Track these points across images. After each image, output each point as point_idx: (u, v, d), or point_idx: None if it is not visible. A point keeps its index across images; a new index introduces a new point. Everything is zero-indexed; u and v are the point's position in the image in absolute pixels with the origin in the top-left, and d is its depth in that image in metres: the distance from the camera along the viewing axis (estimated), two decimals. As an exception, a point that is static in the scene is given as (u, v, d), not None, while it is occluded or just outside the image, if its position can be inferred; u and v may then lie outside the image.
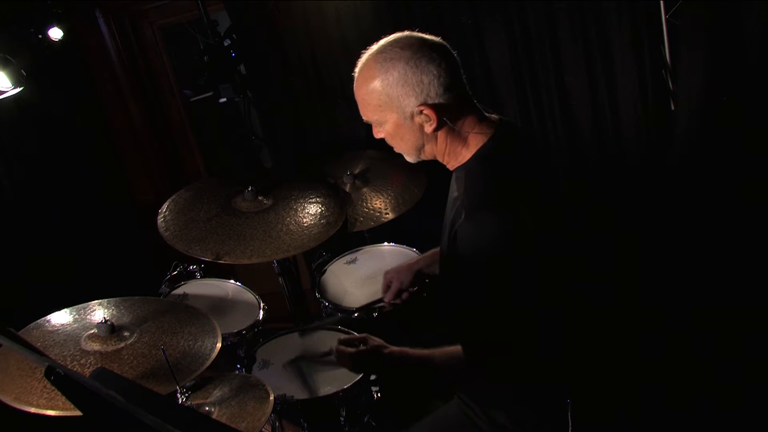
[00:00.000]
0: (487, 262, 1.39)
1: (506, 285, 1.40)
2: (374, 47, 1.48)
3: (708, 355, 2.43)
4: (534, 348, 1.48)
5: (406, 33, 1.47)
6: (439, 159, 1.56)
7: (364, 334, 1.73)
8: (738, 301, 2.49)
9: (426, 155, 1.55)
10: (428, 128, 1.46)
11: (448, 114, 1.45)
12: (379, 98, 1.45)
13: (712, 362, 2.39)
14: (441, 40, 1.47)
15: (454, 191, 1.54)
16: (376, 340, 1.70)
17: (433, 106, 1.42)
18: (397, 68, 1.41)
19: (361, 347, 1.69)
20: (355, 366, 1.73)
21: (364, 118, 1.54)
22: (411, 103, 1.43)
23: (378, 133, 1.56)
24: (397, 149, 1.58)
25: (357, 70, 1.50)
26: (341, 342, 1.73)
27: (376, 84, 1.44)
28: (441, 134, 1.48)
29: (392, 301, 2.06)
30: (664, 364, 2.47)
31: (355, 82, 1.51)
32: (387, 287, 2.06)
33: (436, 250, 2.05)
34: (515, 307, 1.41)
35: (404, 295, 2.05)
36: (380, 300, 2.13)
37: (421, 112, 1.43)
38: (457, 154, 1.51)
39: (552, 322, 1.51)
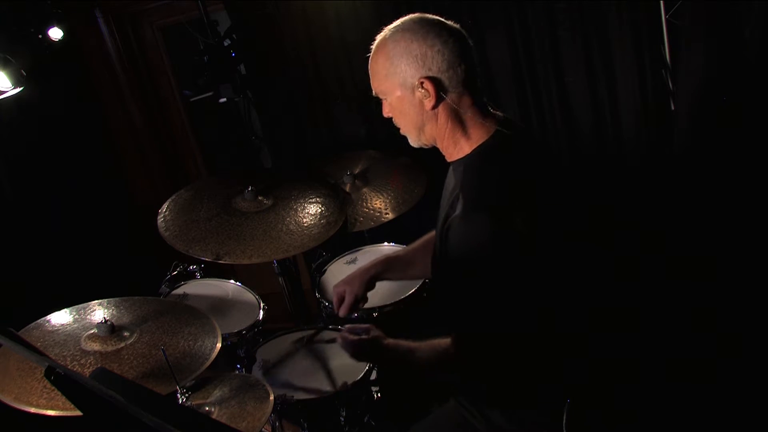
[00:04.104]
0: (476, 260, 1.39)
1: (495, 283, 1.40)
2: (394, 23, 1.51)
3: (708, 354, 2.43)
4: (526, 347, 1.48)
5: (426, 14, 1.50)
6: (439, 145, 1.55)
7: (368, 324, 1.74)
8: (738, 300, 2.49)
9: (426, 136, 1.54)
10: (428, 104, 1.46)
11: (449, 93, 1.46)
12: (385, 67, 1.48)
13: (713, 362, 2.39)
14: (459, 27, 1.50)
15: (450, 184, 1.54)
16: (378, 331, 1.71)
17: (432, 80, 1.44)
18: (405, 38, 1.45)
19: (363, 336, 1.70)
20: (354, 353, 1.74)
21: (373, 90, 1.56)
22: (413, 74, 1.45)
23: (385, 110, 1.57)
24: (402, 129, 1.58)
25: (374, 43, 1.53)
26: (347, 329, 1.74)
27: (385, 53, 1.47)
28: (441, 114, 1.49)
29: (348, 314, 1.95)
30: (663, 364, 2.47)
31: (371, 54, 1.54)
32: (339, 301, 1.94)
33: (391, 255, 1.99)
34: (504, 305, 1.41)
35: (361, 305, 1.96)
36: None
37: (421, 84, 1.44)
38: (456, 142, 1.51)
39: (551, 321, 1.51)
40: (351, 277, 1.96)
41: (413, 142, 1.59)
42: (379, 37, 1.51)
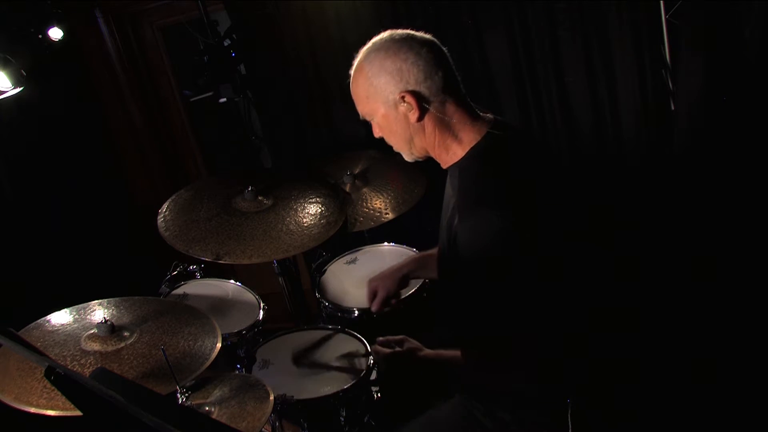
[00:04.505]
0: (486, 261, 1.39)
1: (506, 283, 1.40)
2: (366, 45, 1.53)
3: (708, 354, 2.43)
4: (536, 347, 1.48)
5: (395, 30, 1.52)
6: (432, 154, 1.56)
7: (401, 336, 1.73)
8: (738, 300, 2.49)
9: (417, 149, 1.55)
10: (412, 117, 1.48)
11: (432, 103, 1.47)
12: (366, 89, 1.50)
13: (712, 362, 2.40)
14: (430, 36, 1.51)
15: (449, 191, 1.55)
16: (413, 343, 1.71)
17: (413, 93, 1.45)
18: (379, 57, 1.47)
19: (397, 349, 1.69)
20: (389, 366, 1.74)
21: (359, 114, 1.58)
22: (392, 91, 1.46)
23: (375, 131, 1.59)
24: (394, 147, 1.60)
25: (351, 68, 1.55)
26: (380, 342, 1.74)
27: (363, 75, 1.50)
28: (428, 125, 1.50)
29: (380, 310, 2.01)
30: (663, 364, 2.47)
31: (350, 79, 1.56)
32: (372, 295, 2.01)
33: (424, 253, 2.04)
34: (516, 305, 1.41)
35: (393, 302, 2.01)
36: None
37: (402, 99, 1.46)
38: (448, 149, 1.52)
39: (552, 321, 1.51)
40: (385, 274, 2.01)
41: (407, 157, 1.60)
42: (355, 62, 1.54)
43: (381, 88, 1.47)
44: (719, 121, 2.50)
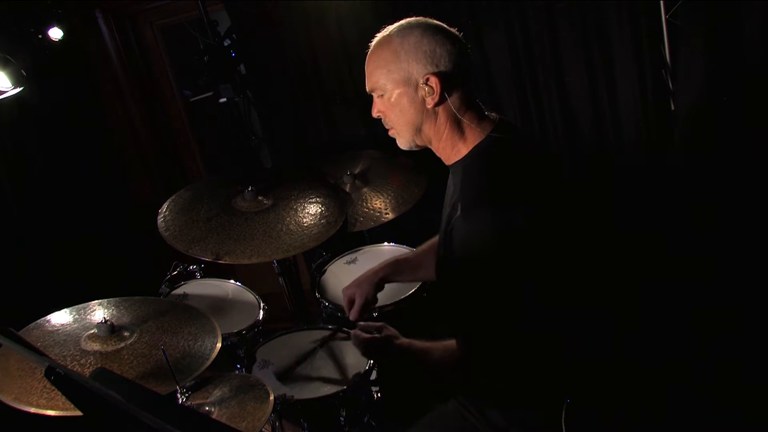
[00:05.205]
0: (480, 259, 1.39)
1: (499, 283, 1.40)
2: (398, 22, 1.52)
3: (708, 356, 2.43)
4: (528, 348, 1.49)
5: (427, 18, 1.53)
6: (435, 146, 1.55)
7: (381, 323, 1.75)
8: (738, 300, 2.49)
9: (422, 137, 1.54)
10: (430, 102, 1.47)
11: (452, 92, 1.47)
12: (390, 63, 1.47)
13: (712, 362, 2.39)
14: (459, 34, 1.52)
15: (450, 188, 1.55)
16: (391, 330, 1.73)
17: (440, 76, 1.44)
18: (415, 34, 1.46)
19: (375, 334, 1.72)
20: (365, 351, 1.77)
21: (368, 86, 1.55)
22: (419, 70, 1.45)
23: (375, 109, 1.56)
24: (394, 128, 1.56)
25: (374, 41, 1.52)
26: (360, 327, 1.77)
27: (392, 49, 1.47)
28: (441, 114, 1.49)
29: (359, 317, 1.95)
30: (663, 365, 2.47)
31: (370, 50, 1.53)
32: (350, 304, 1.94)
33: (399, 257, 2.01)
34: (507, 306, 1.41)
35: (372, 307, 1.98)
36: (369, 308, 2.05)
37: (426, 81, 1.45)
38: (454, 145, 1.51)
39: (550, 321, 1.51)
40: (360, 280, 1.96)
41: (405, 143, 1.57)
42: (381, 35, 1.52)
43: (408, 65, 1.45)
44: (719, 121, 2.49)
